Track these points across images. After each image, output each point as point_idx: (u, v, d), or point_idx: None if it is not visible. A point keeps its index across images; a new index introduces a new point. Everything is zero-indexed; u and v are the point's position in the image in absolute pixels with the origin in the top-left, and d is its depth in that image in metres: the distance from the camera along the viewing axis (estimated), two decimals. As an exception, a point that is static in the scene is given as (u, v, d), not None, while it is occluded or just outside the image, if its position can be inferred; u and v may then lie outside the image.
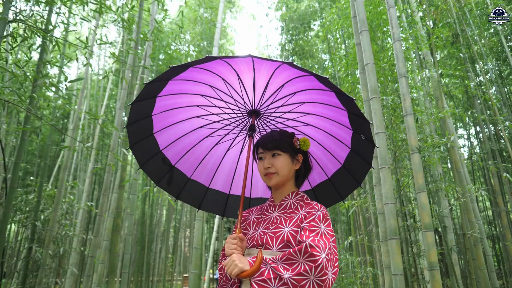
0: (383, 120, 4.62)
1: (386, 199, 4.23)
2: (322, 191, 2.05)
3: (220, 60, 1.55)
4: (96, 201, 12.48)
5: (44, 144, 10.18)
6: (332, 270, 1.36)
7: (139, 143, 1.92)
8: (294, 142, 1.73)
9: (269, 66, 1.56)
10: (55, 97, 7.36)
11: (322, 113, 1.82)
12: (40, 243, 7.59)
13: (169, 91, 1.80)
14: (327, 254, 1.35)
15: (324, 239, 1.41)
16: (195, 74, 1.71)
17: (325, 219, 1.51)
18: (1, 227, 5.25)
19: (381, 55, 6.81)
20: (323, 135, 1.91)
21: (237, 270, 1.38)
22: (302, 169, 1.77)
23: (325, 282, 1.31)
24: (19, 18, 4.11)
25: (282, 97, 1.77)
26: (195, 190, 2.10)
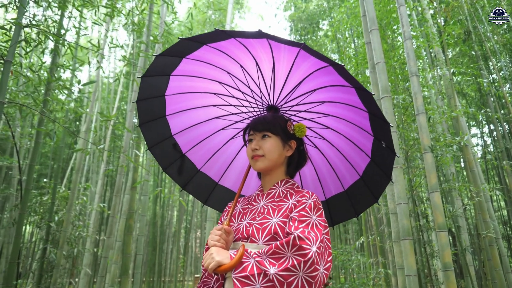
0: (394, 120, 4.58)
1: (398, 199, 4.20)
2: (336, 204, 1.86)
3: (236, 42, 1.44)
4: (108, 202, 12.63)
5: (58, 146, 10.34)
6: (325, 265, 1.23)
7: (149, 123, 1.82)
8: (288, 126, 1.60)
9: (287, 52, 1.45)
10: (68, 100, 7.47)
11: (343, 115, 1.67)
12: (54, 244, 7.70)
13: (184, 72, 1.70)
14: (319, 248, 1.22)
15: (316, 231, 1.27)
16: (211, 55, 1.59)
17: (317, 208, 1.37)
18: (18, 229, 5.35)
19: (391, 53, 6.75)
20: (343, 141, 1.74)
21: (214, 264, 1.24)
22: (295, 157, 1.62)
23: (316, 279, 1.18)
24: (33, 23, 4.18)
25: (301, 94, 1.66)
26: (203, 183, 1.96)
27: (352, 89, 1.49)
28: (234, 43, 1.48)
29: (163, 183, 14.78)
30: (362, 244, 10.85)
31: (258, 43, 1.45)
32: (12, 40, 3.79)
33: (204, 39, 1.49)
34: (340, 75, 1.46)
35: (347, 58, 8.69)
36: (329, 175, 1.84)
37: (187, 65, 1.67)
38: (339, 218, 1.90)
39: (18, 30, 3.83)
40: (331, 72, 1.47)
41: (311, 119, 1.76)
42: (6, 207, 10.86)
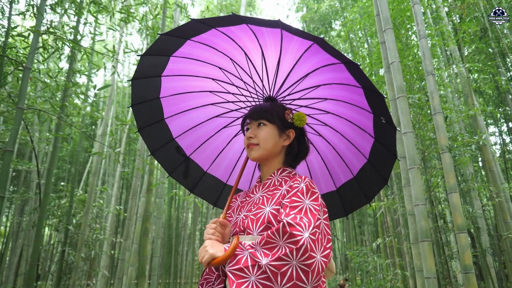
0: (410, 120, 4.51)
1: (416, 200, 4.14)
2: (347, 193, 1.80)
3: (246, 27, 1.37)
4: (124, 205, 12.78)
5: (74, 150, 10.53)
6: (322, 252, 1.15)
7: (148, 127, 1.78)
8: (286, 114, 1.53)
9: (298, 45, 1.40)
10: (84, 105, 7.60)
11: (343, 113, 1.63)
12: (72, 246, 7.83)
13: (175, 70, 1.66)
14: (313, 233, 1.14)
15: (309, 216, 1.19)
16: (215, 39, 1.52)
17: (311, 192, 1.29)
18: (37, 232, 5.46)
19: (406, 53, 6.67)
20: (345, 124, 1.67)
21: (207, 257, 1.20)
22: (294, 147, 1.54)
23: (312, 267, 1.10)
24: (50, 30, 4.27)
25: (304, 88, 1.61)
26: (212, 185, 1.91)
27: (360, 89, 1.44)
28: (216, 34, 1.44)
29: (178, 185, 14.89)
30: (378, 245, 10.73)
31: (240, 30, 1.40)
32: (31, 47, 3.87)
33: (185, 32, 1.46)
34: (351, 74, 1.41)
35: (360, 58, 8.62)
36: (336, 162, 1.77)
37: (178, 62, 1.62)
38: (351, 206, 1.84)
39: (36, 37, 3.92)
40: (341, 69, 1.42)
41: (308, 105, 1.70)
42: (25, 210, 11.11)
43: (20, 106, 3.57)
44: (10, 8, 5.40)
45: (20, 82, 4.18)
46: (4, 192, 3.40)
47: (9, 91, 5.77)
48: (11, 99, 5.46)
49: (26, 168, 9.10)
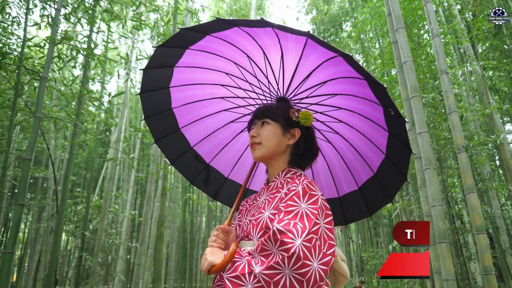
0: (425, 119, 4.46)
1: (433, 201, 4.08)
2: (349, 203, 1.76)
3: (241, 31, 1.37)
4: (139, 210, 12.91)
5: (90, 156, 10.68)
6: (320, 259, 1.06)
7: (165, 138, 1.77)
8: (291, 113, 1.48)
9: (295, 43, 1.36)
10: (98, 112, 7.73)
11: (356, 108, 1.56)
12: (89, 251, 7.94)
13: (180, 81, 1.65)
14: (308, 240, 1.06)
15: (305, 221, 1.11)
16: (215, 46, 1.51)
17: (309, 194, 1.20)
18: (55, 238, 5.55)
19: (418, 52, 6.60)
20: (357, 136, 1.63)
21: (206, 265, 1.18)
22: (300, 146, 1.46)
23: (307, 276, 1.03)
24: (65, 39, 4.36)
25: (312, 85, 1.56)
26: (234, 190, 1.87)
27: (364, 81, 1.38)
28: (238, 32, 1.39)
29: (192, 189, 14.98)
30: (394, 247, 10.60)
31: (263, 33, 1.37)
32: (47, 57, 3.96)
33: (206, 29, 1.42)
34: (351, 66, 1.36)
35: (372, 58, 8.56)
36: (342, 171, 1.72)
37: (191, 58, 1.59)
38: (352, 217, 1.80)
39: (52, 47, 4.01)
40: (341, 62, 1.36)
41: (323, 112, 1.65)
42: (43, 217, 11.30)
43: (38, 115, 3.65)
44: (25, 19, 5.53)
45: (36, 92, 4.26)
46: (24, 199, 3.47)
47: (26, 100, 5.91)
48: (27, 108, 5.58)
49: (43, 175, 9.28)
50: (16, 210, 3.45)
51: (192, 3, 7.86)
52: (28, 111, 5.45)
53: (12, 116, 5.01)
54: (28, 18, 5.62)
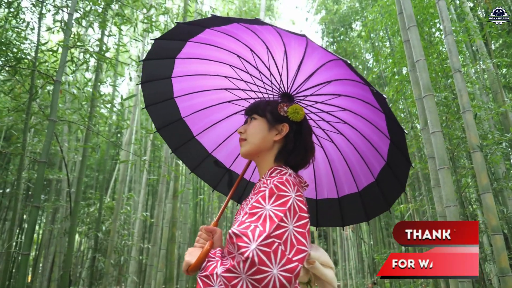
0: (438, 119, 4.40)
1: (447, 202, 4.02)
2: (348, 204, 1.73)
3: (241, 26, 1.33)
4: (151, 211, 12.99)
5: (102, 158, 10.80)
6: (283, 265, 0.98)
7: (182, 147, 1.77)
8: (279, 108, 1.40)
9: (297, 41, 1.33)
10: (110, 114, 7.82)
11: (360, 111, 1.53)
12: (101, 252, 8.02)
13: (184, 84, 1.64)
14: (265, 245, 0.99)
15: (266, 224, 1.03)
16: (216, 38, 1.49)
17: (277, 195, 1.11)
18: (69, 239, 5.62)
19: (430, 50, 6.53)
20: (360, 139, 1.59)
21: (184, 264, 1.17)
22: (288, 143, 1.37)
23: (263, 283, 0.96)
24: (78, 43, 4.41)
25: (316, 83, 1.51)
26: None
27: (365, 86, 1.33)
28: (238, 27, 1.36)
29: (202, 191, 15.03)
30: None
31: (264, 29, 1.33)
32: (61, 61, 4.02)
33: (204, 23, 1.38)
34: (351, 71, 1.32)
35: (383, 57, 8.49)
36: (343, 172, 1.69)
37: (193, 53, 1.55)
38: (349, 219, 1.78)
39: (65, 51, 4.06)
40: (343, 66, 1.34)
41: (329, 112, 1.60)
42: (57, 218, 11.46)
43: (52, 119, 3.70)
44: (39, 24, 5.63)
45: (50, 95, 4.33)
46: (39, 202, 3.53)
47: (40, 104, 6.00)
48: (41, 111, 5.67)
49: (56, 177, 9.41)
50: (32, 212, 3.51)
51: (201, 5, 7.89)
52: (42, 114, 5.54)
53: (27, 119, 5.10)
54: (41, 23, 5.72)
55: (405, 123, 7.58)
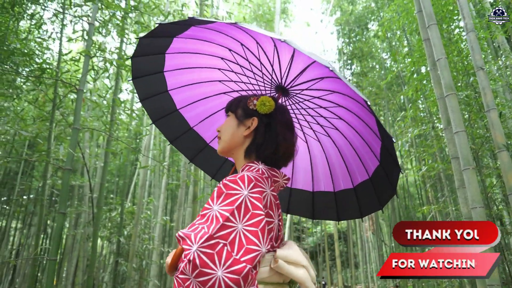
0: (461, 118, 4.31)
1: (473, 203, 3.92)
2: (343, 200, 1.74)
3: (226, 24, 1.31)
4: (170, 215, 13.12)
5: (122, 164, 10.98)
6: (229, 266, 0.93)
7: (179, 138, 1.81)
8: (249, 101, 1.34)
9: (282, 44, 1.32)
10: (129, 120, 7.94)
11: (353, 109, 1.50)
12: (123, 256, 8.14)
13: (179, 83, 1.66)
14: (207, 246, 0.95)
15: (211, 224, 0.99)
16: (204, 34, 1.48)
17: (225, 194, 1.06)
18: (93, 244, 5.73)
19: (450, 48, 6.41)
20: (355, 136, 1.58)
21: (165, 265, 1.13)
22: (258, 137, 1.30)
23: (207, 285, 0.92)
24: (99, 53, 4.51)
25: (310, 79, 1.48)
26: None
27: (352, 90, 1.30)
28: (224, 25, 1.35)
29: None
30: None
31: (250, 26, 1.30)
32: (83, 70, 4.11)
33: (188, 22, 1.35)
34: (337, 77, 1.30)
35: (400, 57, 8.37)
36: (340, 167, 1.69)
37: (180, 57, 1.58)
38: (344, 215, 1.78)
39: (87, 60, 4.15)
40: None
41: (326, 107, 1.58)
42: (79, 223, 11.71)
43: (76, 127, 3.78)
44: (61, 34, 5.78)
45: (72, 103, 4.43)
46: (65, 208, 3.61)
47: (62, 112, 6.15)
48: (64, 119, 5.81)
49: (79, 183, 9.62)
50: (58, 219, 3.59)
51: (216, 10, 7.96)
52: (65, 122, 5.68)
53: (51, 128, 5.23)
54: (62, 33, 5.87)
55: (426, 123, 7.45)
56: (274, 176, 1.23)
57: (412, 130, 7.28)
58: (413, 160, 10.67)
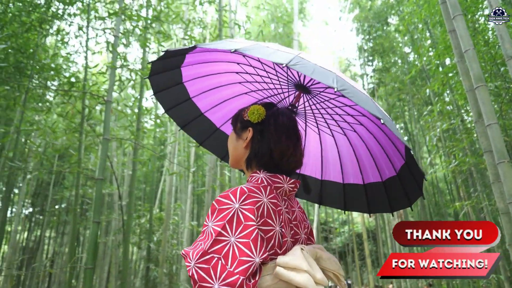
0: (493, 110, 4.16)
1: (510, 198, 3.77)
2: (373, 192, 1.76)
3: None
4: (197, 220, 13.25)
5: (148, 171, 11.19)
6: (222, 280, 0.96)
7: (207, 140, 1.88)
8: (243, 113, 1.35)
9: None
10: (154, 128, 8.09)
11: (375, 122, 1.56)
12: (153, 262, 8.28)
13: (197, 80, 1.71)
14: (203, 261, 0.99)
15: (207, 241, 1.03)
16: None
17: (218, 210, 1.09)
18: (124, 250, 5.85)
19: (477, 38, 6.21)
20: (381, 133, 1.59)
21: None
22: (254, 146, 1.29)
23: None
24: (124, 64, 4.62)
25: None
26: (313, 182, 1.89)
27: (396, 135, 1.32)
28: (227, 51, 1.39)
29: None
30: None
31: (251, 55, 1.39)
32: (110, 81, 4.22)
33: (190, 48, 1.39)
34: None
35: (424, 50, 8.19)
36: (368, 161, 1.71)
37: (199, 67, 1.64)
38: (375, 208, 1.80)
39: (113, 72, 4.26)
40: None
41: (351, 105, 1.56)
42: (109, 230, 12.00)
43: (106, 137, 3.88)
44: (86, 47, 5.95)
45: (98, 114, 4.54)
46: (99, 217, 3.71)
47: (90, 123, 6.33)
48: (93, 130, 5.98)
49: (108, 191, 9.87)
50: (93, 228, 3.69)
51: (234, 14, 8.01)
52: (93, 133, 5.84)
53: (81, 139, 5.39)
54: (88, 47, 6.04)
55: (454, 116, 7.24)
56: (275, 182, 1.23)
57: (440, 124, 7.10)
58: (442, 155, 10.40)
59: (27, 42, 6.01)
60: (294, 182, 1.28)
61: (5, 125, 7.08)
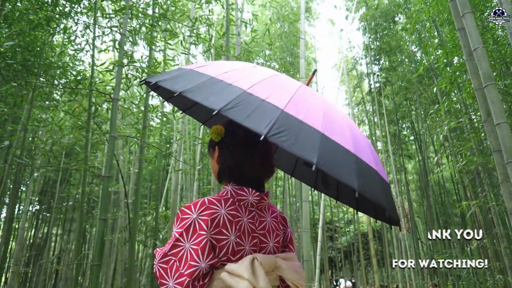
0: (502, 109, 4.12)
1: (519, 197, 3.74)
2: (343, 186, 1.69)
3: None
4: (202, 218, 13.25)
5: (154, 169, 11.22)
6: (175, 279, 1.13)
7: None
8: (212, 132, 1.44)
9: None
10: (161, 126, 8.11)
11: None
12: (159, 260, 8.28)
13: None
14: (163, 262, 1.16)
15: (169, 244, 1.19)
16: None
17: (180, 219, 1.22)
18: (131, 248, 5.87)
19: (485, 37, 6.14)
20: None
21: None
22: (221, 162, 1.38)
23: None
24: (131, 62, 4.62)
25: None
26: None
27: None
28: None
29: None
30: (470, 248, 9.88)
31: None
32: (116, 79, 4.22)
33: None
34: None
35: (432, 48, 8.11)
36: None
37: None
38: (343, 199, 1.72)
39: (120, 70, 4.26)
40: None
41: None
42: (115, 228, 12.06)
43: (113, 135, 3.89)
44: (93, 45, 5.97)
45: (105, 112, 4.54)
46: (106, 215, 3.72)
47: (96, 120, 6.35)
48: (99, 128, 6.00)
49: (114, 189, 9.91)
50: (100, 225, 3.70)
51: (241, 13, 7.99)
52: (99, 131, 5.86)
53: (87, 136, 5.41)
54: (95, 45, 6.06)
55: (462, 115, 7.17)
56: (239, 195, 1.33)
57: (448, 123, 7.03)
58: (449, 154, 10.31)
59: (35, 40, 6.05)
60: (260, 195, 1.36)
61: (13, 123, 7.13)
